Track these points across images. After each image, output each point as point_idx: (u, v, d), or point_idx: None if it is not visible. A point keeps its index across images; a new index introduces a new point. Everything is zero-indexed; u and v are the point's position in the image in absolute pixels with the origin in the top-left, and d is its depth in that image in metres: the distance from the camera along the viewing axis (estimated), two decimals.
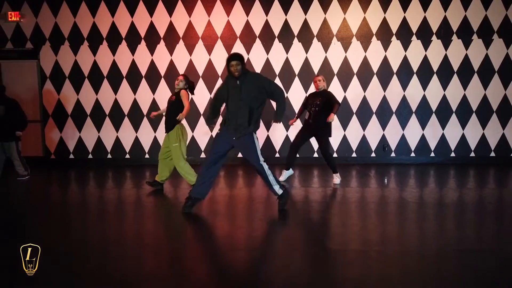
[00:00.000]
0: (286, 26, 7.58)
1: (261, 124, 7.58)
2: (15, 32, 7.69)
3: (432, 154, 7.73)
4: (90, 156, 7.91)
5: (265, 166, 4.18)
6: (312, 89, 7.47)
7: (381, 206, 4.55)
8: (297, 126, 6.65)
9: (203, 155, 7.76)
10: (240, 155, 7.45)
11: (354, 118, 7.70)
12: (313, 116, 5.60)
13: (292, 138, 7.26)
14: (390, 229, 3.74)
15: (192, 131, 7.76)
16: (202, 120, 7.70)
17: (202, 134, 7.75)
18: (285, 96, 4.20)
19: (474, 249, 3.19)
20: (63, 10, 7.64)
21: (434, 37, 7.52)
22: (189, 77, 5.77)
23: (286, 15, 7.56)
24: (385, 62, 7.58)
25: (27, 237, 3.55)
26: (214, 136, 4.23)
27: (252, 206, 4.63)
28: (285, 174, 5.96)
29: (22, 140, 6.78)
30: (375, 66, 7.60)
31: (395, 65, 7.59)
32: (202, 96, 7.65)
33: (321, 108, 5.52)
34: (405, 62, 7.58)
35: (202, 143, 7.80)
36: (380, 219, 4.04)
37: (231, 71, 4.06)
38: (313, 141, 7.58)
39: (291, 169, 6.00)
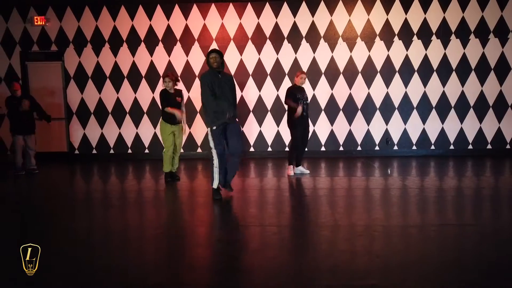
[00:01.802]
0: (294, 27, 8.09)
1: (270, 118, 8.10)
2: (40, 35, 8.21)
3: (433, 147, 8.24)
4: (111, 151, 8.45)
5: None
6: (321, 88, 7.99)
7: (385, 192, 5.08)
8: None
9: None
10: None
11: (359, 113, 8.22)
12: (306, 110, 6.18)
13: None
14: (393, 210, 4.26)
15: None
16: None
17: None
18: None
19: (470, 224, 3.71)
20: (85, 14, 8.16)
21: (434, 37, 8.01)
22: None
23: (294, 17, 8.07)
24: (388, 61, 8.09)
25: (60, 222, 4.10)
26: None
27: (280, 193, 5.17)
28: (300, 170, 6.37)
29: (47, 136, 7.40)
30: (378, 64, 8.10)
31: (397, 64, 8.09)
32: None
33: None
34: (406, 60, 8.08)
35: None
36: (384, 202, 4.56)
37: (211, 62, 4.59)
38: (316, 134, 8.09)
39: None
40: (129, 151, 8.46)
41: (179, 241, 3.45)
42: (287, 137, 8.26)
